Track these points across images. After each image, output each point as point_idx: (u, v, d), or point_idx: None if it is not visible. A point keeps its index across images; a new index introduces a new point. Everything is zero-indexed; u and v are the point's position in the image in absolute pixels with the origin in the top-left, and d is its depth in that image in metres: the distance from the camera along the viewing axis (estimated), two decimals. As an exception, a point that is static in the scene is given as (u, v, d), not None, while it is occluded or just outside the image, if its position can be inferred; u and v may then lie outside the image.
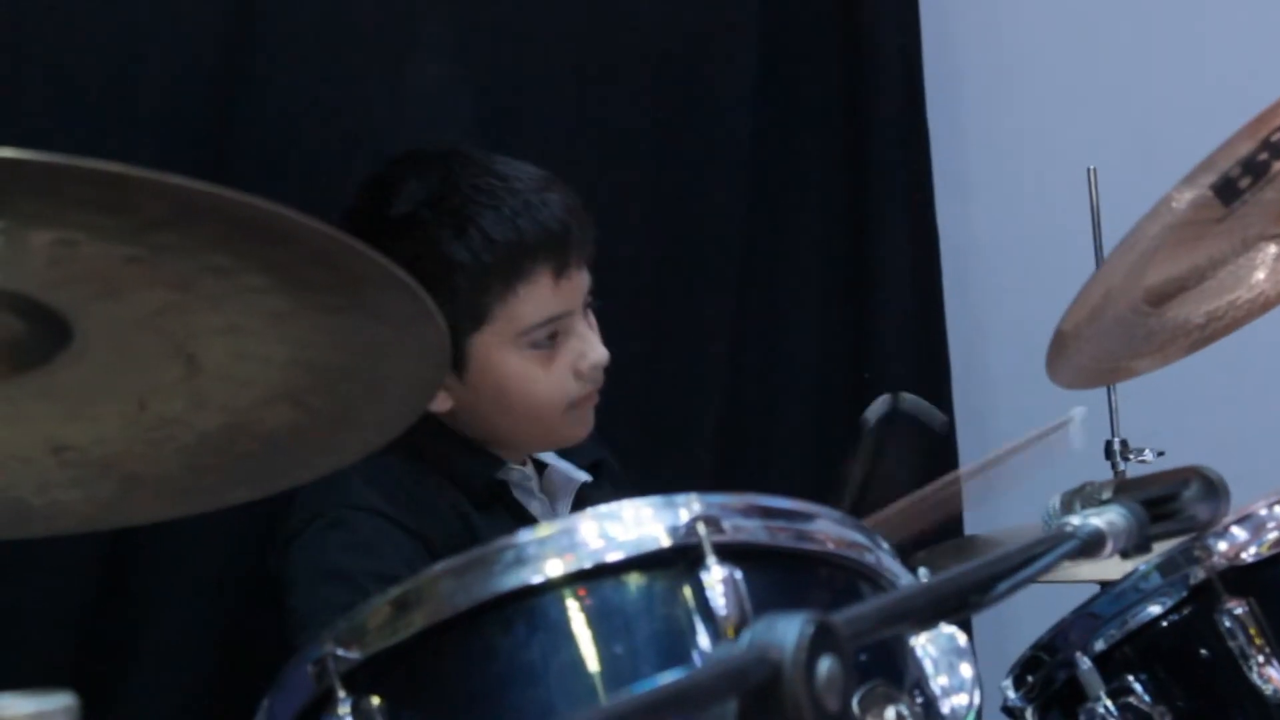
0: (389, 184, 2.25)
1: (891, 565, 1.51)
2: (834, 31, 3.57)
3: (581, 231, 2.26)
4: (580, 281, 2.27)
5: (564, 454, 2.39)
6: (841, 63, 3.58)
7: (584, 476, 2.37)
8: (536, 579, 1.37)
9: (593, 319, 2.30)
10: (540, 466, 2.37)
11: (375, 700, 1.37)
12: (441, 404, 2.21)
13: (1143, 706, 1.85)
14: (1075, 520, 1.46)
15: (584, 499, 2.35)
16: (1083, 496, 1.65)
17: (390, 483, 2.18)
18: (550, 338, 2.23)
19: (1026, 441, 2.16)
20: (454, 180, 2.23)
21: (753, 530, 1.41)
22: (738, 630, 1.33)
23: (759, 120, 3.37)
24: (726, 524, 1.39)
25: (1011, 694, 1.97)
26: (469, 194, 2.21)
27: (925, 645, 1.45)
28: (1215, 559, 1.81)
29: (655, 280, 3.17)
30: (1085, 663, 1.87)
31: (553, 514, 2.32)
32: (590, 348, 2.27)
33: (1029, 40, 3.75)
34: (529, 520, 2.28)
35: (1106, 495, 1.54)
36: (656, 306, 3.17)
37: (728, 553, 1.37)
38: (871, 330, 3.55)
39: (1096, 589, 1.99)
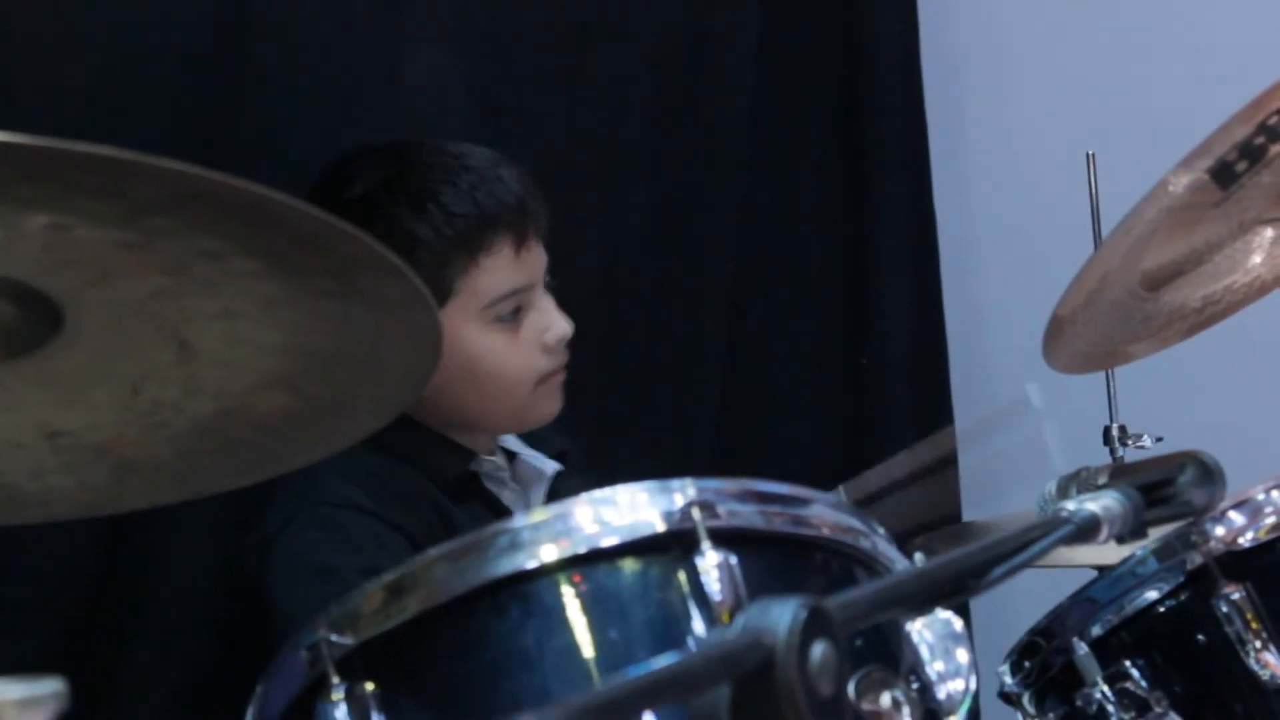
0: (344, 171, 2.27)
1: (887, 550, 1.51)
2: (832, 18, 3.57)
3: (537, 205, 2.28)
4: (539, 256, 2.28)
5: (531, 444, 2.40)
6: (839, 50, 3.58)
7: (554, 466, 2.37)
8: (531, 564, 1.37)
9: (550, 296, 2.30)
10: (510, 457, 2.37)
11: (369, 686, 1.37)
12: None
13: (1139, 692, 1.85)
14: (1071, 505, 1.45)
15: (555, 489, 2.35)
16: (1079, 482, 1.65)
17: (367, 477, 2.18)
18: (514, 312, 2.24)
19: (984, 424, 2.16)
20: (409, 161, 2.26)
21: (748, 515, 1.41)
22: (732, 615, 1.32)
23: (757, 109, 3.37)
24: (721, 509, 1.39)
25: (1008, 679, 1.97)
26: (425, 172, 2.23)
27: (921, 630, 1.45)
28: (1212, 544, 1.81)
29: (654, 270, 3.17)
30: (1082, 648, 1.87)
31: (526, 503, 2.32)
32: (554, 321, 2.27)
33: (1026, 26, 3.75)
34: (503, 510, 2.28)
35: (1102, 480, 1.54)
36: (655, 296, 3.17)
37: (723, 538, 1.37)
38: (870, 316, 3.55)
39: (1094, 574, 1.99)
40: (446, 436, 2.28)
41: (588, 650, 1.36)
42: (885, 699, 1.34)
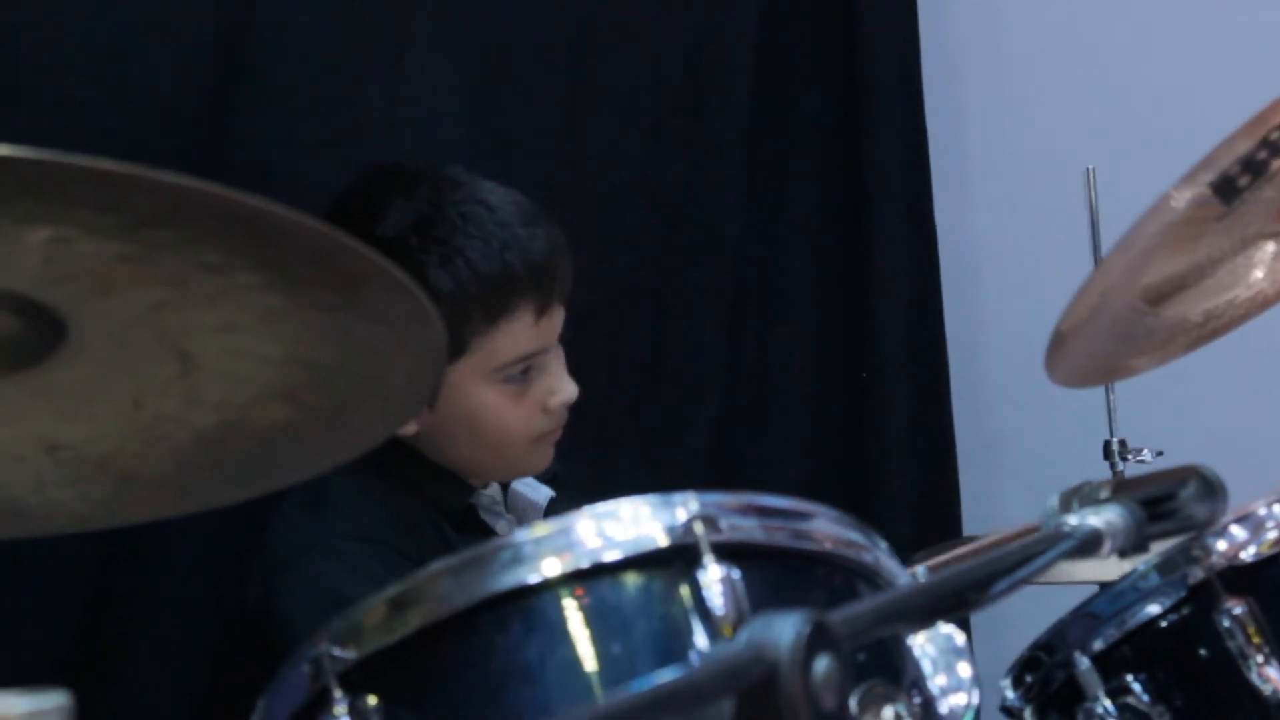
0: (373, 203, 2.21)
1: (889, 564, 1.51)
2: (832, 33, 3.58)
3: (565, 268, 2.25)
4: (558, 319, 2.26)
5: None
6: (839, 64, 3.59)
7: (547, 493, 2.38)
8: (533, 578, 1.37)
9: (561, 353, 2.29)
10: (503, 487, 2.37)
11: (372, 700, 1.37)
12: (408, 428, 2.18)
13: (1141, 706, 1.84)
14: (1073, 520, 1.45)
15: (549, 515, 2.35)
16: (1080, 496, 1.63)
17: (376, 506, 2.18)
18: (523, 373, 2.23)
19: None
20: (441, 206, 2.19)
21: (750, 529, 1.41)
22: (735, 629, 1.32)
23: (756, 122, 3.38)
24: (724, 523, 1.39)
25: (1010, 694, 1.97)
26: (456, 222, 2.18)
27: (923, 645, 1.45)
28: (1214, 558, 1.81)
29: (652, 283, 3.18)
30: (1084, 662, 1.87)
31: None
32: (561, 386, 2.26)
33: (1027, 40, 3.75)
34: None
35: (1104, 495, 1.53)
36: (654, 309, 3.17)
37: (725, 552, 1.36)
38: (870, 331, 3.56)
39: (1095, 589, 1.98)
40: (446, 469, 2.28)
41: (590, 664, 1.35)
42: (888, 713, 1.34)
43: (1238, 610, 1.79)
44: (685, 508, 1.38)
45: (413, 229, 2.17)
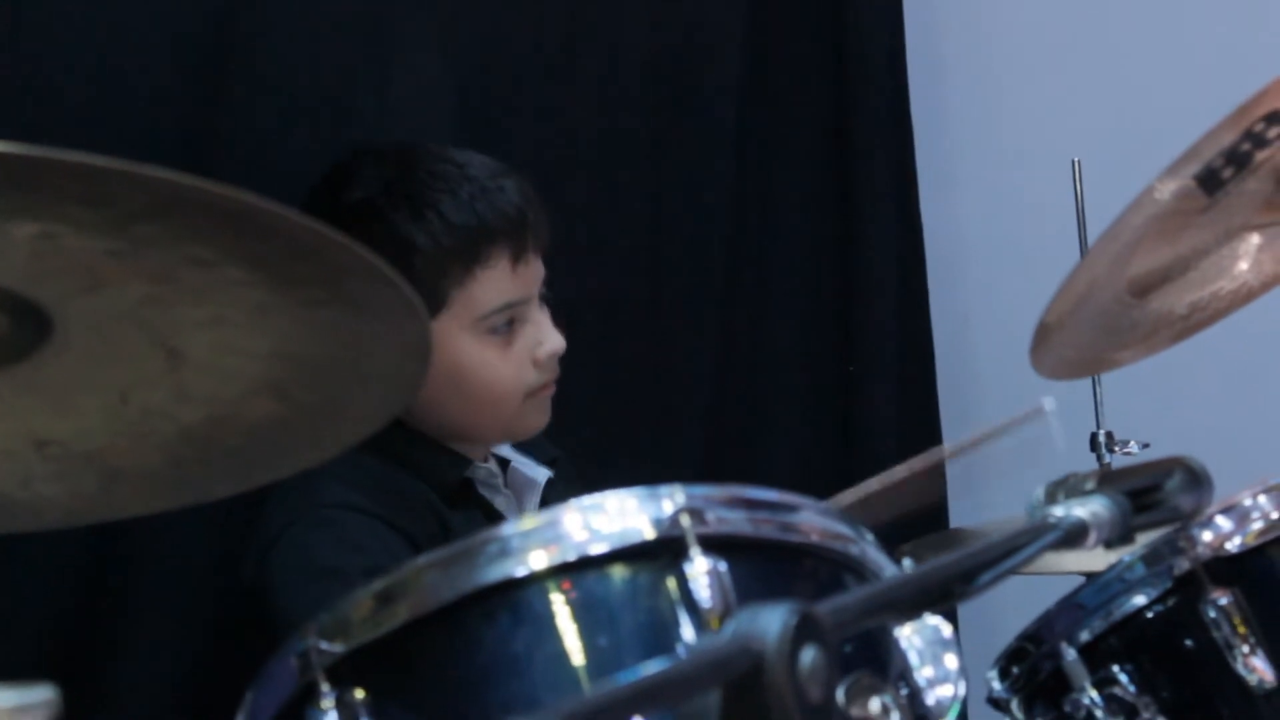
0: (344, 174, 2.26)
1: (876, 556, 1.51)
2: (819, 25, 3.58)
3: (537, 218, 2.28)
4: (536, 269, 2.28)
5: (522, 450, 2.40)
6: (826, 56, 3.59)
7: (546, 473, 2.37)
8: (520, 571, 1.37)
9: (546, 309, 2.30)
10: (503, 464, 2.37)
11: (359, 693, 1.37)
12: None
13: (1127, 697, 1.85)
14: (1058, 511, 1.45)
15: (547, 496, 2.35)
16: (1066, 487, 1.64)
17: (366, 481, 2.18)
18: (508, 324, 2.24)
19: (999, 429, 2.14)
20: (410, 167, 2.24)
21: (736, 522, 1.41)
22: (722, 621, 1.33)
23: (744, 115, 3.37)
24: (710, 515, 1.39)
25: (997, 685, 1.97)
26: (426, 180, 2.22)
27: (910, 636, 1.45)
28: (1200, 549, 1.82)
29: (642, 275, 3.18)
30: (1070, 653, 1.88)
31: (519, 510, 2.33)
32: (547, 336, 2.27)
33: (1012, 32, 3.75)
34: (498, 516, 2.29)
35: (1090, 486, 1.53)
36: (644, 301, 3.17)
37: (712, 544, 1.37)
38: (857, 323, 3.56)
39: (1081, 580, 1.99)
40: (442, 443, 2.28)
41: (577, 657, 1.36)
42: (874, 704, 1.34)
43: (1223, 601, 1.80)
44: (671, 500, 1.39)
45: (383, 190, 2.22)
